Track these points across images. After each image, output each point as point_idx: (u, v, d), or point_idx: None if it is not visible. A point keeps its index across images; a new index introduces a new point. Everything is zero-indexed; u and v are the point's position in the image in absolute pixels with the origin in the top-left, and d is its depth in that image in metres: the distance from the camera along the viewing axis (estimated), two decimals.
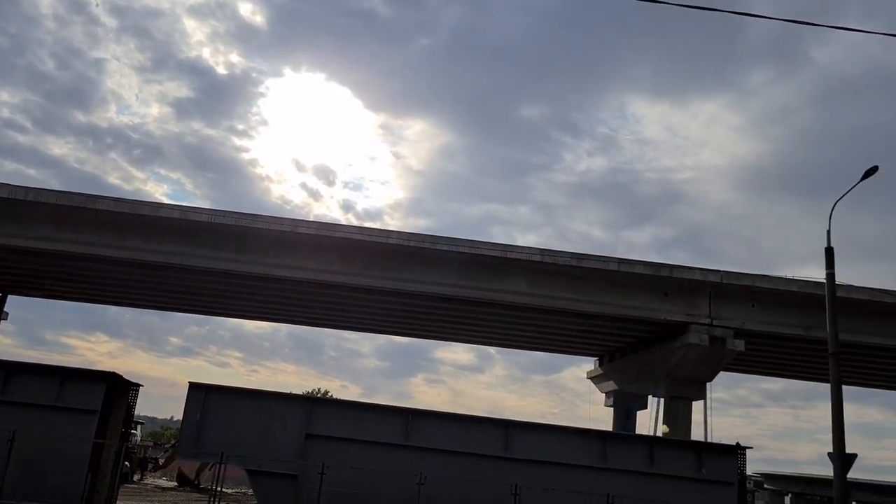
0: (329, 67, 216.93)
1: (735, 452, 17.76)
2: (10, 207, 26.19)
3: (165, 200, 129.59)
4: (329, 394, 66.40)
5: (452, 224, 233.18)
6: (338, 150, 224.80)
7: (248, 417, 17.03)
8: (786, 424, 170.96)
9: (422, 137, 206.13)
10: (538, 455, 17.20)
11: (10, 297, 36.97)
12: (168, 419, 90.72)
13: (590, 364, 39.41)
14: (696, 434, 28.16)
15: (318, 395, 57.94)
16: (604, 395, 37.88)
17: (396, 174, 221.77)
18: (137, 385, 18.65)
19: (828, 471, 17.89)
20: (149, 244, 26.91)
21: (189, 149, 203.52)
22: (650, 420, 31.24)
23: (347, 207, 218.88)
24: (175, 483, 31.81)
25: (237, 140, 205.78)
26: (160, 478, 34.42)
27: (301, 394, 35.92)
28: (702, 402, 29.25)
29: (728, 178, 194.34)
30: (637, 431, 33.37)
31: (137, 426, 35.16)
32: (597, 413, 38.92)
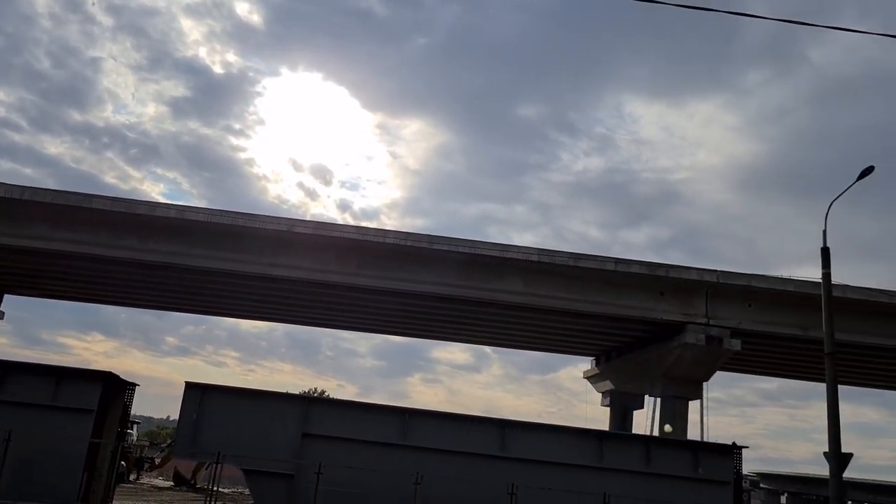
0: (326, 67, 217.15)
1: (731, 452, 17.81)
2: (6, 206, 26.13)
3: (162, 200, 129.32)
4: (325, 393, 66.26)
5: (449, 224, 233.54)
6: (335, 150, 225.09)
7: (245, 417, 17.03)
8: (782, 424, 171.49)
9: (419, 137, 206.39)
10: (535, 454, 17.22)
11: (6, 297, 36.86)
12: (164, 419, 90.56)
13: (586, 364, 39.45)
14: (693, 433, 28.26)
15: (315, 395, 57.85)
16: (600, 395, 37.96)
17: (393, 174, 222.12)
18: (134, 385, 18.66)
19: (824, 470, 17.97)
20: (145, 244, 26.87)
21: (185, 148, 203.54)
22: (647, 420, 31.34)
23: (344, 207, 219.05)
24: (171, 483, 31.76)
25: (234, 139, 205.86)
26: (156, 477, 34.33)
27: (297, 393, 35.85)
28: (698, 402, 29.35)
29: (724, 179, 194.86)
30: (634, 431, 33.47)
31: (134, 426, 35.07)
32: (593, 413, 39.00)
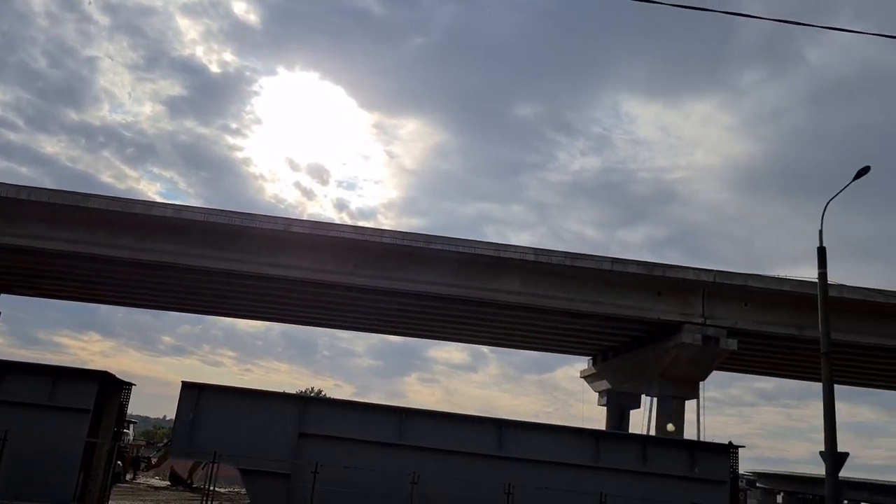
0: (323, 66, 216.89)
1: (727, 451, 17.86)
2: (2, 206, 26.04)
3: (158, 199, 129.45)
4: (322, 393, 66.13)
5: (446, 223, 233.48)
6: (331, 150, 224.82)
7: (242, 416, 17.03)
8: (778, 423, 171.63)
9: (415, 136, 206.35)
10: (531, 454, 17.25)
11: (3, 296, 36.78)
12: (161, 418, 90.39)
13: (583, 363, 39.49)
14: (689, 433, 28.28)
15: (312, 395, 57.82)
16: (597, 395, 37.98)
17: (390, 173, 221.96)
18: (130, 384, 18.66)
19: (820, 469, 17.99)
20: (142, 243, 26.82)
21: (182, 147, 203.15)
22: (643, 419, 31.35)
23: (341, 206, 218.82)
24: (168, 482, 31.75)
25: (230, 139, 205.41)
26: (153, 477, 34.32)
27: (294, 393, 35.83)
28: (695, 402, 29.37)
29: (721, 178, 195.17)
30: (630, 430, 33.50)
31: (130, 425, 34.99)
32: (590, 412, 39.10)
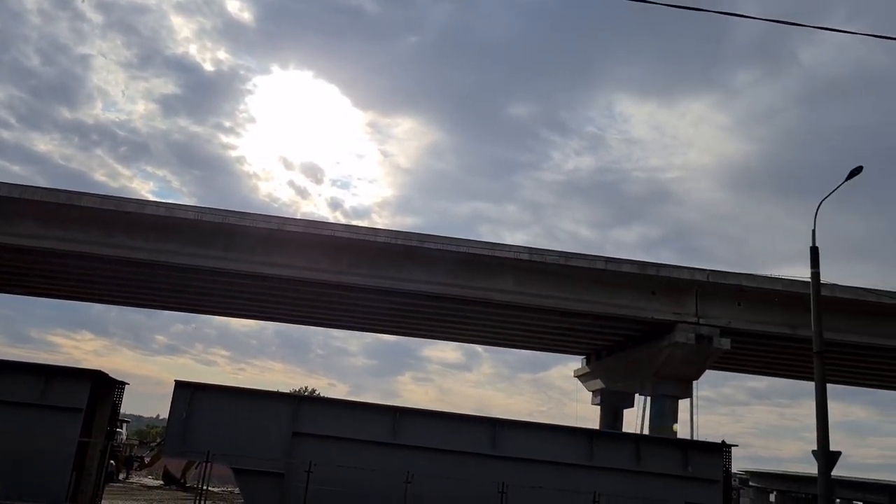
0: (317, 65, 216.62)
1: (720, 450, 17.92)
2: None
3: (151, 198, 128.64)
4: (316, 392, 66.12)
5: (440, 222, 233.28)
6: (325, 148, 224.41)
7: (235, 416, 17.01)
8: (771, 422, 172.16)
9: (410, 135, 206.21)
10: (525, 453, 17.28)
11: None
12: (154, 417, 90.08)
13: (577, 362, 39.52)
14: (683, 432, 28.37)
15: (305, 394, 57.77)
16: (591, 394, 38.05)
17: (384, 172, 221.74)
18: (123, 383, 18.59)
19: (812, 468, 18.08)
20: (135, 241, 26.72)
21: (176, 146, 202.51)
22: (637, 418, 31.43)
23: (335, 205, 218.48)
24: (161, 482, 31.66)
25: (224, 137, 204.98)
26: (146, 476, 34.23)
27: (288, 392, 35.78)
28: (688, 401, 29.45)
29: (715, 178, 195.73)
30: (624, 430, 33.58)
31: (123, 424, 34.97)
32: (584, 411, 39.11)
